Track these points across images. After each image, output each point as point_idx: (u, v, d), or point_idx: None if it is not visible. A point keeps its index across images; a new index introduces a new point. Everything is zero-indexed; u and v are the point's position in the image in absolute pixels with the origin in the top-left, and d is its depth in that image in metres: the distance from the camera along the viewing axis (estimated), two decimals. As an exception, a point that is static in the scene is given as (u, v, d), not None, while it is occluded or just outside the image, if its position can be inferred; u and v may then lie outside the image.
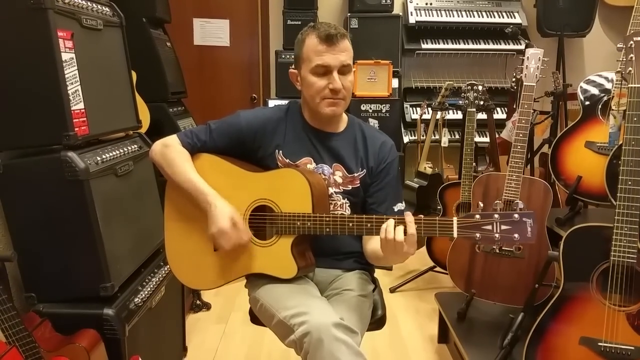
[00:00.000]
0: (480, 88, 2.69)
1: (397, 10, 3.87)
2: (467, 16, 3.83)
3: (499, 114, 3.72)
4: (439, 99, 3.20)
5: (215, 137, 1.52)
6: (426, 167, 3.28)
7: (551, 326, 1.57)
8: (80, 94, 1.61)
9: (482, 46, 3.85)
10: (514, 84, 2.79)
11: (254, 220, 1.46)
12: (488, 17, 3.84)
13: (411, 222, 1.26)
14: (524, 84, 2.05)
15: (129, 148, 1.86)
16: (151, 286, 1.80)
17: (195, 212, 1.49)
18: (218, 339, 2.52)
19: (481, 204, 2.05)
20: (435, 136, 3.43)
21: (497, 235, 1.24)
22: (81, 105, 1.61)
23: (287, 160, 1.52)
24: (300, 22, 3.67)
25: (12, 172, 1.57)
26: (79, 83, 1.60)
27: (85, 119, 1.63)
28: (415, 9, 3.83)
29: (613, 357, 1.49)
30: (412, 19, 3.78)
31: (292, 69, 1.54)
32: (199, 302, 2.79)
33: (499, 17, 3.84)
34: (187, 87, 3.34)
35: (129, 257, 1.77)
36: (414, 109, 3.90)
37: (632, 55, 1.49)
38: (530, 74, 2.03)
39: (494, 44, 3.86)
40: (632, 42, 1.48)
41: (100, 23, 1.77)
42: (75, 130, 1.56)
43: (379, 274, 1.74)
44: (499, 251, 2.06)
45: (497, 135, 2.95)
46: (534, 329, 1.59)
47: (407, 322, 2.70)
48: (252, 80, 4.18)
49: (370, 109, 3.55)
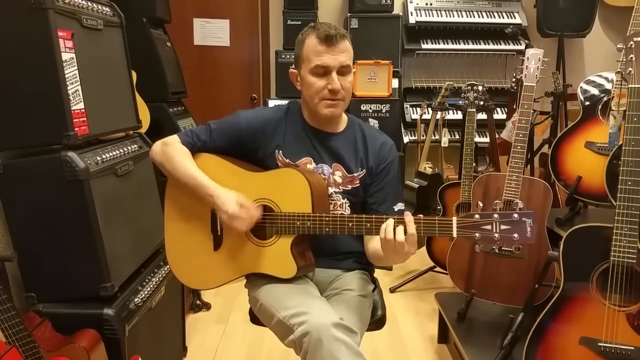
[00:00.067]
0: (480, 88, 2.69)
1: (397, 10, 3.87)
2: (467, 16, 3.83)
3: (499, 114, 3.72)
4: (439, 99, 3.20)
5: (215, 137, 1.52)
6: (426, 167, 3.28)
7: (551, 326, 1.57)
8: (81, 94, 1.61)
9: (482, 46, 3.85)
10: (514, 84, 2.79)
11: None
12: (488, 17, 3.84)
13: (411, 222, 1.26)
14: (524, 84, 2.05)
15: (129, 148, 1.86)
16: (151, 286, 1.81)
17: (195, 211, 1.50)
18: (218, 339, 2.52)
19: (481, 204, 2.07)
20: (435, 136, 3.43)
21: (496, 235, 1.24)
22: (81, 105, 1.61)
23: (287, 160, 1.52)
24: (300, 22, 3.67)
25: (12, 172, 1.57)
26: (79, 83, 1.60)
27: (85, 119, 1.63)
28: (415, 9, 3.83)
29: (613, 357, 1.49)
30: (412, 19, 3.78)
31: (292, 69, 1.54)
32: (199, 302, 2.79)
33: (499, 18, 3.84)
34: (187, 87, 3.34)
35: (129, 257, 1.77)
36: (414, 109, 3.90)
37: (632, 56, 1.48)
38: (530, 74, 2.04)
39: (494, 44, 3.86)
40: (632, 43, 1.48)
41: (100, 23, 1.77)
42: (75, 130, 1.57)
43: (379, 274, 1.74)
44: (498, 251, 2.06)
45: (497, 136, 2.95)
46: (534, 329, 1.59)
47: (407, 322, 2.70)
48: (252, 80, 4.19)
49: (370, 109, 3.55)
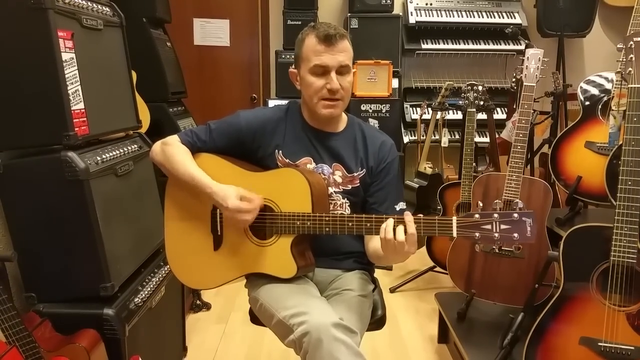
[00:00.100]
0: (480, 88, 2.69)
1: (397, 10, 3.87)
2: (467, 16, 3.83)
3: (499, 114, 3.72)
4: (439, 99, 3.20)
5: (215, 137, 1.52)
6: (426, 167, 3.28)
7: (551, 326, 1.57)
8: (81, 94, 1.61)
9: (482, 46, 3.85)
10: (514, 84, 2.79)
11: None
12: (488, 17, 3.84)
13: (410, 222, 1.26)
14: (524, 84, 2.05)
15: (129, 148, 1.86)
16: (151, 286, 1.81)
17: (195, 211, 1.50)
18: (218, 339, 2.52)
19: (481, 204, 2.07)
20: (435, 136, 3.43)
21: (496, 234, 1.24)
22: (81, 105, 1.61)
23: (287, 160, 1.52)
24: (300, 22, 3.67)
25: (12, 172, 1.57)
26: (79, 83, 1.60)
27: (85, 119, 1.63)
28: (415, 9, 3.83)
29: (613, 357, 1.49)
30: (412, 19, 3.78)
31: (292, 69, 1.54)
32: (199, 302, 2.79)
33: (499, 18, 3.84)
34: (187, 87, 3.34)
35: (129, 257, 1.77)
36: (414, 109, 3.90)
37: (632, 56, 1.48)
38: (530, 74, 2.04)
39: (494, 44, 3.86)
40: (632, 43, 1.48)
41: (100, 23, 1.77)
42: (75, 130, 1.57)
43: (379, 274, 1.74)
44: (498, 251, 2.06)
45: (497, 136, 2.95)
46: (534, 329, 1.59)
47: (407, 322, 2.70)
48: (252, 80, 4.19)
49: (370, 109, 3.55)
